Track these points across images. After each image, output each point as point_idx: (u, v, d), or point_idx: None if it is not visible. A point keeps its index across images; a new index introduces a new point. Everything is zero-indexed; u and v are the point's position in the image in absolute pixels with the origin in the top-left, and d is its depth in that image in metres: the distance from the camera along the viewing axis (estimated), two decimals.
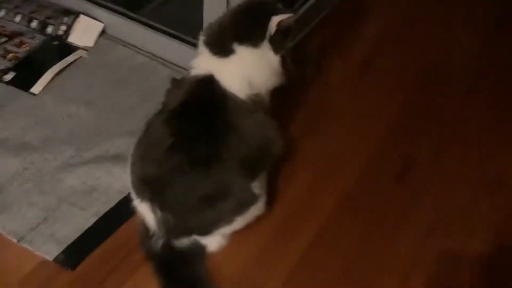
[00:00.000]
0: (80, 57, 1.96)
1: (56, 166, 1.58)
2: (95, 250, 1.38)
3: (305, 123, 1.77)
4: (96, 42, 2.00)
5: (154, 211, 1.31)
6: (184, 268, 1.34)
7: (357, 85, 1.93)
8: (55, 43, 1.98)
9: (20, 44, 1.95)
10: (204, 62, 1.37)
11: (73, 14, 2.02)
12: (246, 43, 1.35)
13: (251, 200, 1.35)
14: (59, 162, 1.59)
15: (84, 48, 1.98)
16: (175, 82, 1.42)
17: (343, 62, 2.01)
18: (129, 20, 1.98)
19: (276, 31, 1.36)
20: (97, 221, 1.44)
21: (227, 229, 1.37)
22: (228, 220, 1.34)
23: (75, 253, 1.37)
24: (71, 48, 1.97)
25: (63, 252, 1.37)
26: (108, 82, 1.87)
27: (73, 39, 1.99)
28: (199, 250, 1.37)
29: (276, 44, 1.38)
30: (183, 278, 1.33)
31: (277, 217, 1.50)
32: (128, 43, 1.99)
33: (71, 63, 1.92)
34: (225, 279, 1.35)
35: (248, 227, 1.41)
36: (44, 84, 1.84)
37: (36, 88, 1.82)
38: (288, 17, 1.36)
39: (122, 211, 1.45)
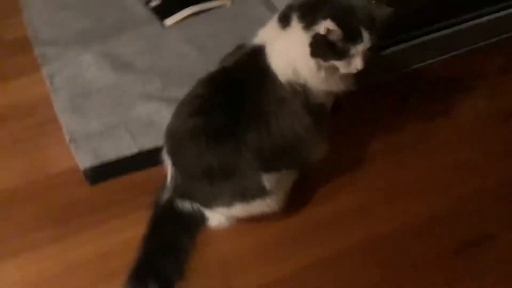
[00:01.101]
0: (224, 5, 2.00)
1: (139, 93, 1.68)
2: (119, 177, 1.45)
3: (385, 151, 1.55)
4: None
5: (170, 165, 1.32)
6: (172, 231, 1.33)
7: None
8: None
9: None
10: (267, 30, 1.28)
11: None
12: (302, 20, 1.20)
13: (257, 192, 1.26)
14: (144, 90, 1.69)
15: None
16: (237, 48, 1.35)
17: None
18: None
19: (322, 36, 1.17)
20: (136, 154, 1.51)
21: (226, 211, 1.31)
22: (226, 202, 1.28)
23: (101, 173, 1.46)
24: None
25: (93, 167, 1.47)
26: (232, 36, 1.88)
27: None
28: (196, 221, 1.34)
29: (314, 46, 1.19)
30: (165, 239, 1.32)
31: (296, 225, 1.37)
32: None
33: (212, 8, 1.99)
34: (216, 258, 1.31)
35: (262, 222, 1.34)
36: (177, 19, 1.94)
37: (169, 21, 1.94)
38: (336, 32, 1.16)
39: (159, 154, 1.48)
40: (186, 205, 1.33)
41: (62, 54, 1.80)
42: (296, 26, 1.21)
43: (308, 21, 1.18)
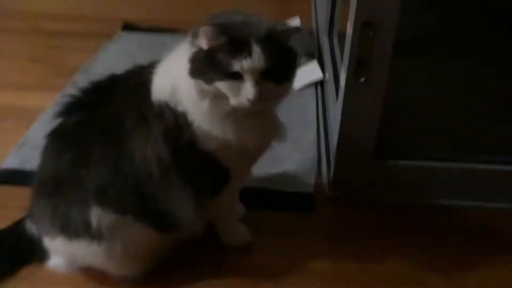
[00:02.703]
0: None
1: None
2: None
3: None
4: (302, 89, 1.80)
5: None
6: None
7: None
8: None
9: None
10: None
11: None
12: (191, 33, 0.96)
13: (81, 227, 1.00)
14: None
15: None
16: None
17: None
18: None
19: (203, 50, 0.92)
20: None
21: (50, 244, 1.06)
22: (48, 228, 1.04)
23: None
24: None
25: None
26: None
27: None
28: (34, 253, 1.11)
29: (193, 62, 0.93)
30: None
31: None
32: None
33: None
34: None
35: None
36: None
37: None
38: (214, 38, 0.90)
39: None
40: (32, 228, 1.11)
41: None
42: (184, 40, 0.98)
43: (194, 34, 0.95)
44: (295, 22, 2.15)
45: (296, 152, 1.49)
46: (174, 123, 0.98)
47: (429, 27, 2.20)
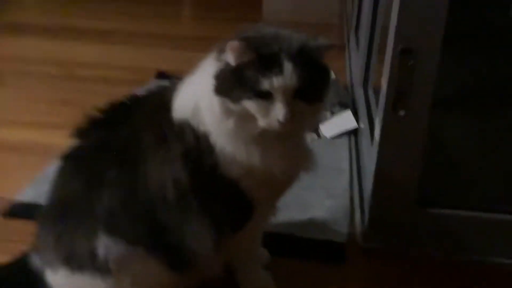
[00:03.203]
0: None
1: None
2: None
3: None
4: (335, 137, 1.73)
5: None
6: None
7: None
8: None
9: None
10: None
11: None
12: (216, 49, 0.90)
13: (86, 259, 0.90)
14: None
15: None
16: None
17: None
18: None
19: (230, 66, 0.85)
20: None
21: (52, 278, 0.95)
22: (50, 258, 0.94)
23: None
24: None
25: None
26: None
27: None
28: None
29: (219, 78, 0.86)
30: None
31: None
32: None
33: None
34: None
35: None
36: None
37: None
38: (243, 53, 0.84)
39: None
40: (36, 261, 1.01)
41: None
42: (210, 56, 0.92)
43: (220, 49, 0.89)
44: None
45: (327, 199, 1.38)
46: (195, 145, 0.90)
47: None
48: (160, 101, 0.95)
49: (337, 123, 1.78)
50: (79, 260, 0.90)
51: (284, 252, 1.20)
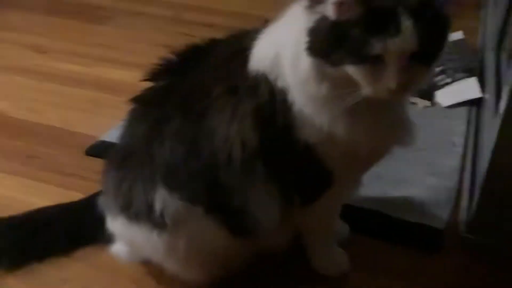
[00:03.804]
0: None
1: None
2: None
3: None
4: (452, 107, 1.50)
5: None
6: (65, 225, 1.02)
7: None
8: None
9: None
10: None
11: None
12: None
13: (143, 210, 0.84)
14: None
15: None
16: None
17: None
18: None
19: (330, 21, 0.68)
20: None
21: (111, 224, 0.92)
22: (113, 205, 0.89)
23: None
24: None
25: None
26: None
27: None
28: (97, 232, 0.97)
29: (315, 36, 0.70)
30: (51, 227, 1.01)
31: None
32: None
33: None
34: None
35: None
36: None
37: None
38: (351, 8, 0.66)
39: None
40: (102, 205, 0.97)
41: None
42: (299, 4, 0.77)
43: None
44: (457, 36, 1.84)
45: (430, 176, 1.20)
46: (269, 101, 0.78)
47: None
48: (238, 48, 0.83)
49: (458, 91, 1.54)
50: (136, 210, 0.85)
51: (366, 230, 1.06)
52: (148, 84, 0.91)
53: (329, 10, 0.68)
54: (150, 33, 2.00)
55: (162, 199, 0.82)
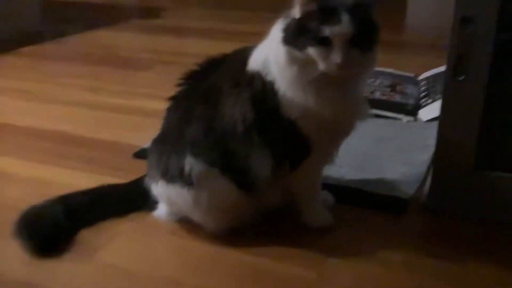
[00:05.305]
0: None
1: None
2: None
3: None
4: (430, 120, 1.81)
5: None
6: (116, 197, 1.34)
7: None
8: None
9: None
10: None
11: None
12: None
13: (177, 173, 1.16)
14: None
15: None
16: None
17: None
18: None
19: (296, 19, 1.05)
20: None
21: (155, 188, 1.24)
22: (155, 171, 1.22)
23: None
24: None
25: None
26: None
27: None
28: (141, 198, 1.30)
29: (287, 31, 1.06)
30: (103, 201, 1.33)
31: None
32: None
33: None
34: None
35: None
36: None
37: None
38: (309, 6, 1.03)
39: None
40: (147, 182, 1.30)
41: None
42: (280, 19, 1.13)
43: (288, 10, 1.10)
44: (441, 69, 2.15)
45: (403, 165, 1.50)
46: (262, 90, 1.12)
47: None
48: (240, 57, 1.19)
49: (436, 108, 1.85)
50: (172, 174, 1.17)
51: (349, 201, 1.35)
52: (180, 87, 1.26)
53: (296, 12, 1.05)
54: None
55: (190, 164, 1.14)
